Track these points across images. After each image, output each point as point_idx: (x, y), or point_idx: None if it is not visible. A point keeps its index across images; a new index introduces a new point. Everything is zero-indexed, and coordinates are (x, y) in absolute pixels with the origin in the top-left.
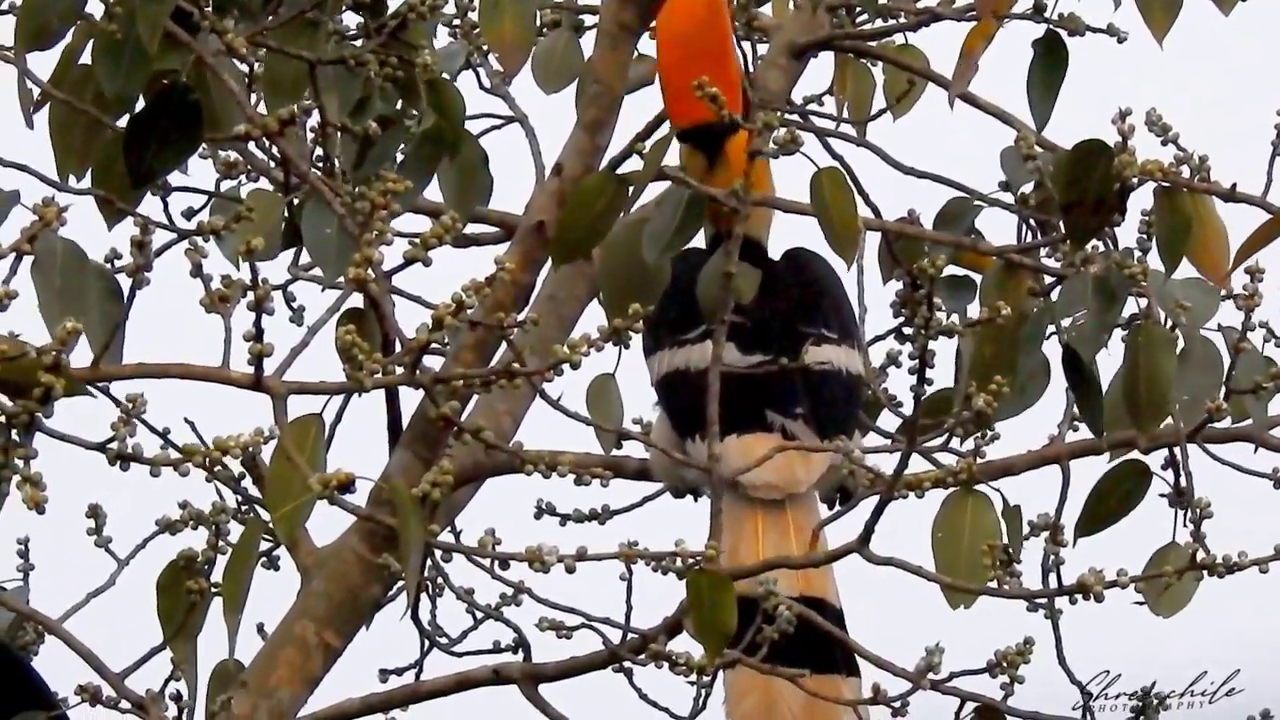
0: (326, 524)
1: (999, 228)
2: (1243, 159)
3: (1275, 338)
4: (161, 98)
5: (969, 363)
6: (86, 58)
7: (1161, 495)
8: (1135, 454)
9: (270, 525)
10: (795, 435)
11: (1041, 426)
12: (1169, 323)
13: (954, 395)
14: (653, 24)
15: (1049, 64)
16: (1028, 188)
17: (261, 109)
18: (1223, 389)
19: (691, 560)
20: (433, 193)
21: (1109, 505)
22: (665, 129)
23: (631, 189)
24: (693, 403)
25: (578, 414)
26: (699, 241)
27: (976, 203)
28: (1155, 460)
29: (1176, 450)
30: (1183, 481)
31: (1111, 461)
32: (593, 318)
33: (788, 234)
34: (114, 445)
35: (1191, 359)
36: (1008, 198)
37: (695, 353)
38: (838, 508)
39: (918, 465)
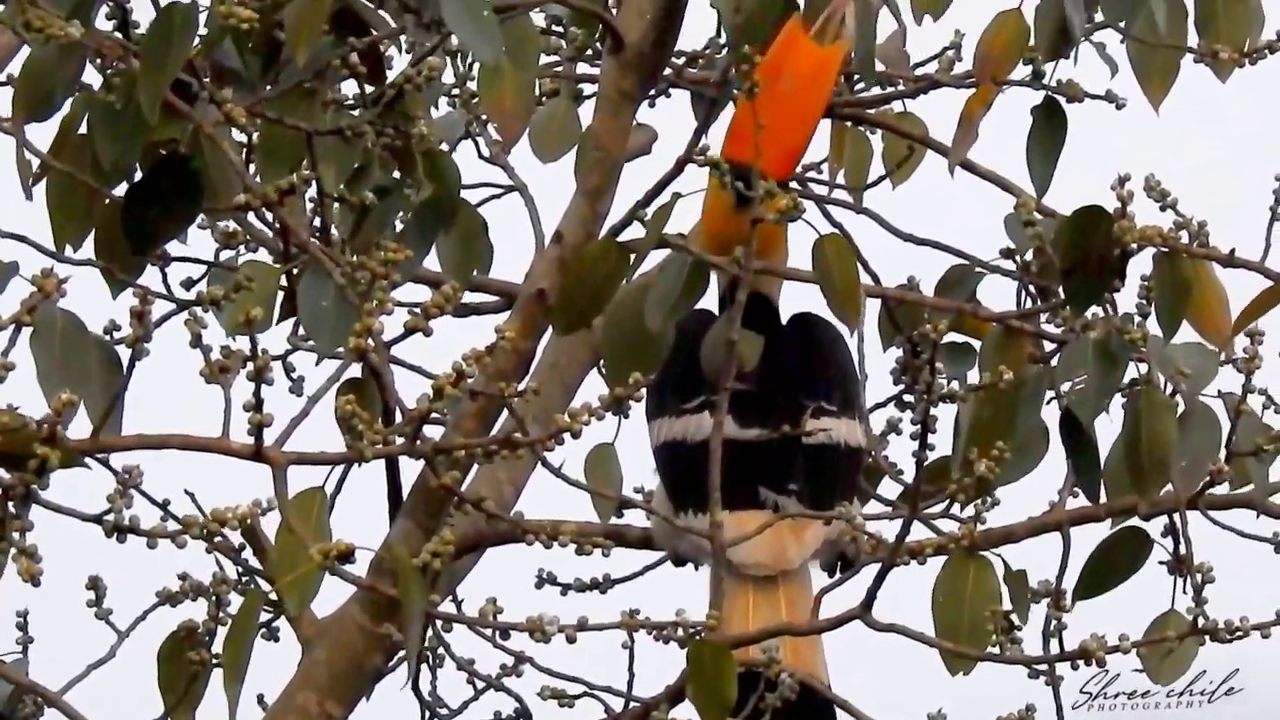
0: (327, 594)
1: (999, 294)
2: (1241, 223)
3: (1274, 404)
4: (160, 167)
5: (969, 428)
6: (84, 128)
7: (1161, 563)
8: (1135, 520)
9: (271, 596)
10: (786, 511)
11: (1040, 492)
12: (1168, 387)
13: (953, 461)
14: (652, 91)
15: (1048, 131)
16: (1029, 255)
17: (258, 178)
18: (1223, 452)
19: (692, 630)
20: (431, 262)
21: (1109, 569)
22: (667, 196)
23: (634, 256)
24: (689, 475)
25: (579, 482)
26: (712, 292)
27: (978, 270)
28: (1155, 526)
29: (1176, 517)
30: (1183, 549)
31: (1112, 528)
32: (594, 385)
33: (798, 290)
34: (110, 517)
35: (1191, 424)
36: (1010, 264)
37: (694, 423)
38: (839, 575)
39: (919, 532)
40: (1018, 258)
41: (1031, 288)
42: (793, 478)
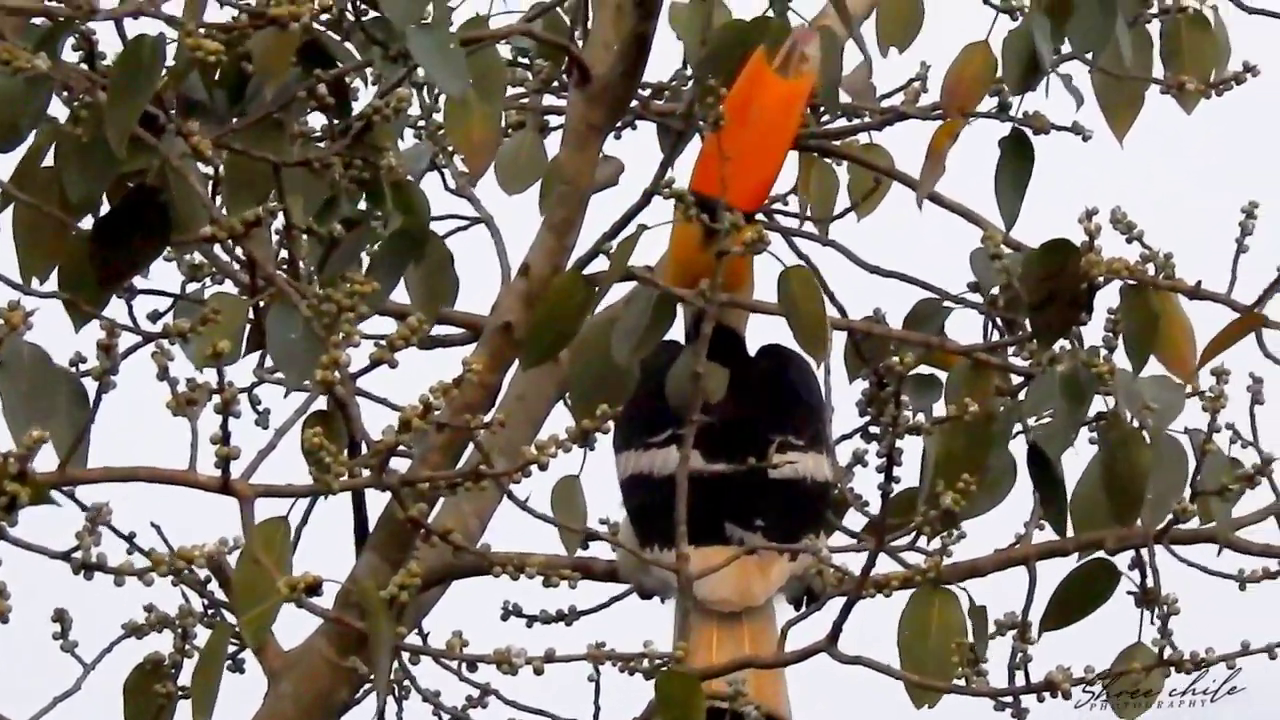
0: (294, 626)
1: (965, 327)
2: (1208, 254)
3: (1241, 439)
4: (127, 200)
5: (935, 461)
6: (50, 159)
7: (1129, 593)
8: (1103, 554)
9: (238, 628)
10: (752, 547)
11: (1007, 525)
12: (1135, 421)
13: (920, 494)
14: (619, 123)
15: (1015, 163)
16: (996, 289)
17: (225, 210)
18: (1188, 490)
19: (660, 661)
20: (398, 294)
21: (1076, 601)
22: (633, 228)
23: (600, 289)
24: (655, 509)
25: (546, 515)
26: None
27: (946, 304)
28: (1122, 560)
29: (1144, 551)
30: (1149, 582)
31: (1079, 562)
32: (560, 418)
33: (767, 323)
34: (78, 555)
35: (1159, 458)
36: (976, 298)
37: (660, 457)
38: (805, 609)
39: (885, 564)
40: (984, 292)
41: (998, 320)
42: (759, 513)
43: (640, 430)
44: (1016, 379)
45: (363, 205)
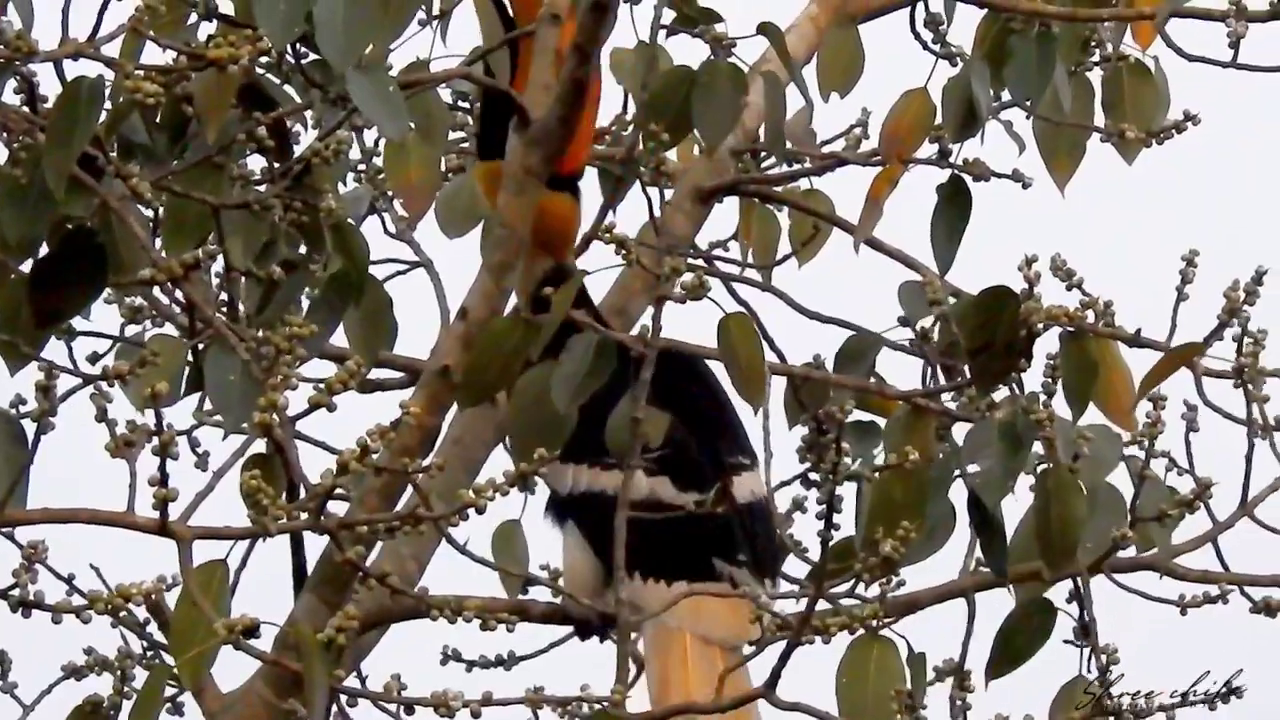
0: (233, 669)
1: (903, 371)
2: (1148, 302)
3: (1177, 467)
4: (66, 242)
5: (874, 507)
6: None
7: (1067, 641)
8: (1040, 592)
9: (176, 670)
10: (741, 584)
11: (945, 560)
12: (1072, 469)
13: (857, 540)
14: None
15: (952, 209)
16: (926, 322)
17: (164, 253)
18: (1128, 518)
19: (598, 705)
20: (337, 338)
21: (1017, 645)
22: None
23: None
24: (640, 541)
25: (484, 559)
26: None
27: (876, 341)
28: (1060, 592)
29: (1080, 582)
30: (1086, 615)
31: (1016, 595)
32: (498, 461)
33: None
34: (15, 592)
35: (1096, 504)
36: (908, 335)
37: (618, 479)
38: (745, 652)
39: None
40: (915, 327)
41: (937, 366)
42: (739, 545)
43: (587, 446)
44: (955, 424)
45: (302, 248)
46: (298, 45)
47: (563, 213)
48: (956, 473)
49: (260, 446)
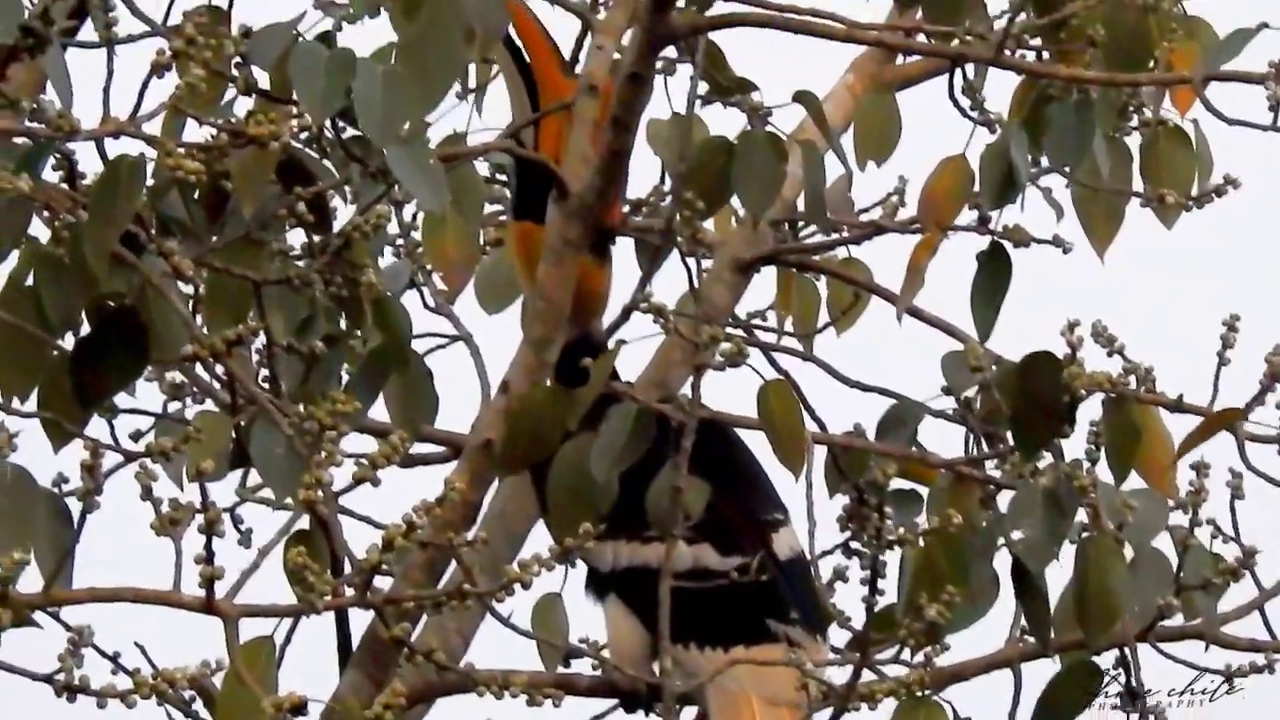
0: None
1: (945, 438)
2: (1188, 365)
3: (1222, 534)
4: (108, 320)
5: (918, 574)
6: (31, 279)
7: (1115, 697)
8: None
9: None
10: (797, 642)
11: (989, 628)
12: (1116, 534)
13: (901, 607)
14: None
15: (992, 276)
16: (970, 392)
17: (204, 328)
18: (1174, 586)
19: None
20: (378, 412)
21: (1062, 705)
22: (611, 343)
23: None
24: (676, 607)
25: (528, 632)
26: None
27: (918, 410)
28: (1106, 660)
29: (1127, 649)
30: (1133, 682)
31: (1061, 663)
32: (541, 534)
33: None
34: (61, 677)
35: (1141, 570)
36: (951, 403)
37: (659, 550)
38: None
39: (869, 678)
40: (957, 396)
41: (979, 433)
42: (790, 603)
43: (624, 520)
44: (998, 492)
45: (343, 324)
46: (336, 120)
47: (590, 278)
48: (1000, 540)
49: (304, 523)
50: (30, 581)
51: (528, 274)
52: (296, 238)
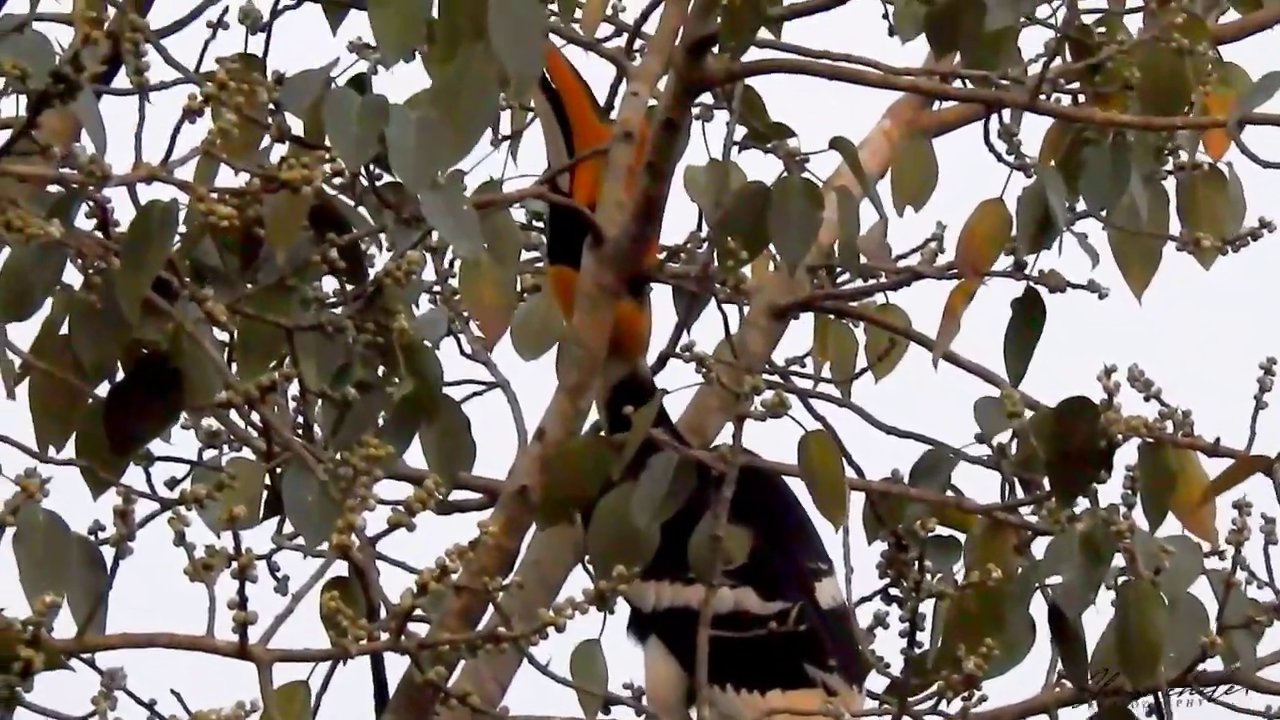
0: None
1: (981, 484)
2: (1225, 408)
3: (1257, 579)
4: (142, 367)
5: (954, 623)
6: (65, 326)
7: None
8: (1122, 704)
9: None
10: (835, 690)
11: (1026, 673)
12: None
13: (936, 654)
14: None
15: (1026, 322)
16: (1003, 437)
17: (238, 375)
18: (1214, 625)
19: None
20: (413, 458)
21: None
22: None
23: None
24: (716, 648)
25: (565, 678)
26: None
27: (952, 455)
28: (1143, 707)
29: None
30: None
31: (1098, 709)
32: (577, 583)
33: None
34: None
35: (1178, 616)
36: (985, 450)
37: (702, 593)
38: None
39: None
40: (989, 442)
41: (1015, 479)
42: (829, 651)
43: (667, 561)
44: (1035, 537)
45: (378, 370)
46: (370, 166)
47: (630, 320)
48: (1036, 586)
49: (340, 568)
50: (64, 627)
51: (567, 315)
52: (330, 284)
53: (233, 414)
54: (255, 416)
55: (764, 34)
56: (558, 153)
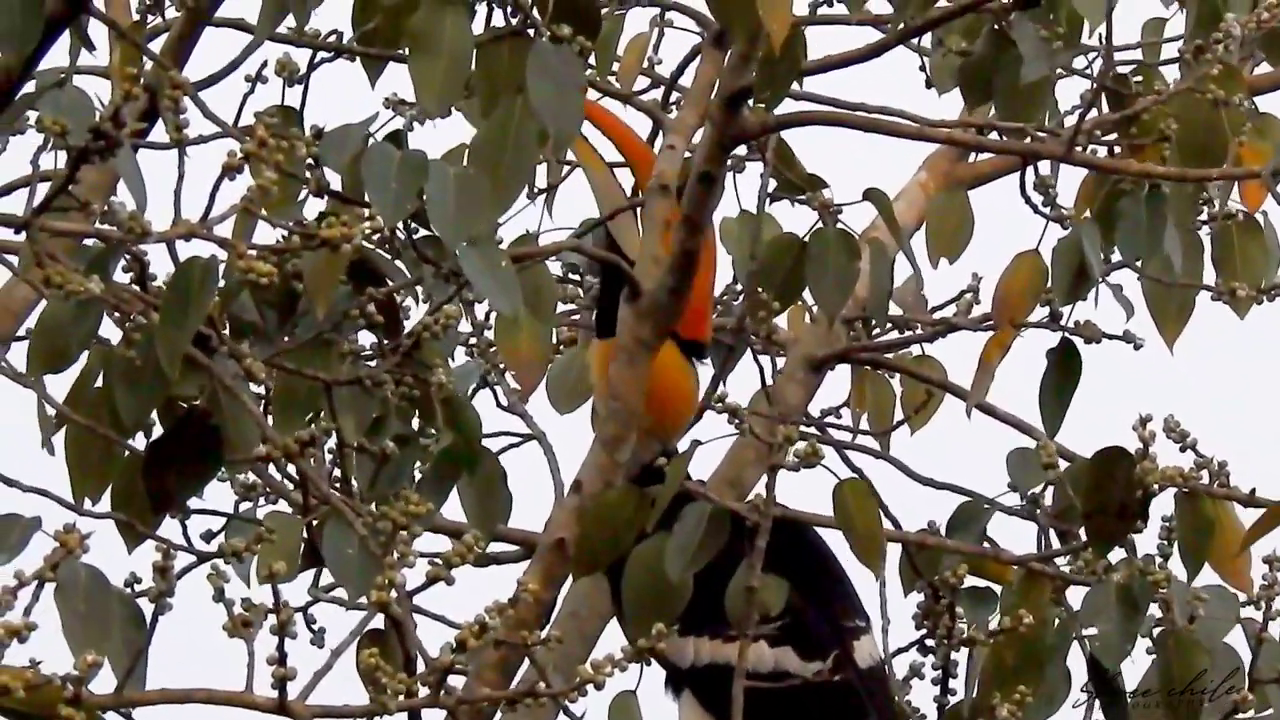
0: None
1: (1018, 536)
2: (1261, 458)
3: None
4: (180, 423)
5: (988, 671)
6: (100, 380)
7: None
8: None
9: None
10: None
11: None
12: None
13: (972, 706)
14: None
15: (1062, 373)
16: (1037, 489)
17: (274, 428)
18: (1246, 680)
19: None
20: (452, 511)
21: None
22: (686, 443)
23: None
24: (753, 709)
25: None
26: None
27: (987, 507)
28: None
29: None
30: None
31: None
32: (614, 634)
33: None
34: None
35: (1213, 666)
36: (1018, 499)
37: (753, 654)
38: None
39: None
40: (1022, 493)
41: (1052, 529)
42: (867, 712)
43: (713, 616)
44: (1071, 588)
45: (414, 423)
46: (408, 220)
47: (684, 391)
48: (1074, 636)
49: (378, 622)
50: (103, 682)
51: (599, 392)
52: (367, 337)
53: (270, 467)
54: (292, 470)
55: (796, 86)
56: (609, 197)
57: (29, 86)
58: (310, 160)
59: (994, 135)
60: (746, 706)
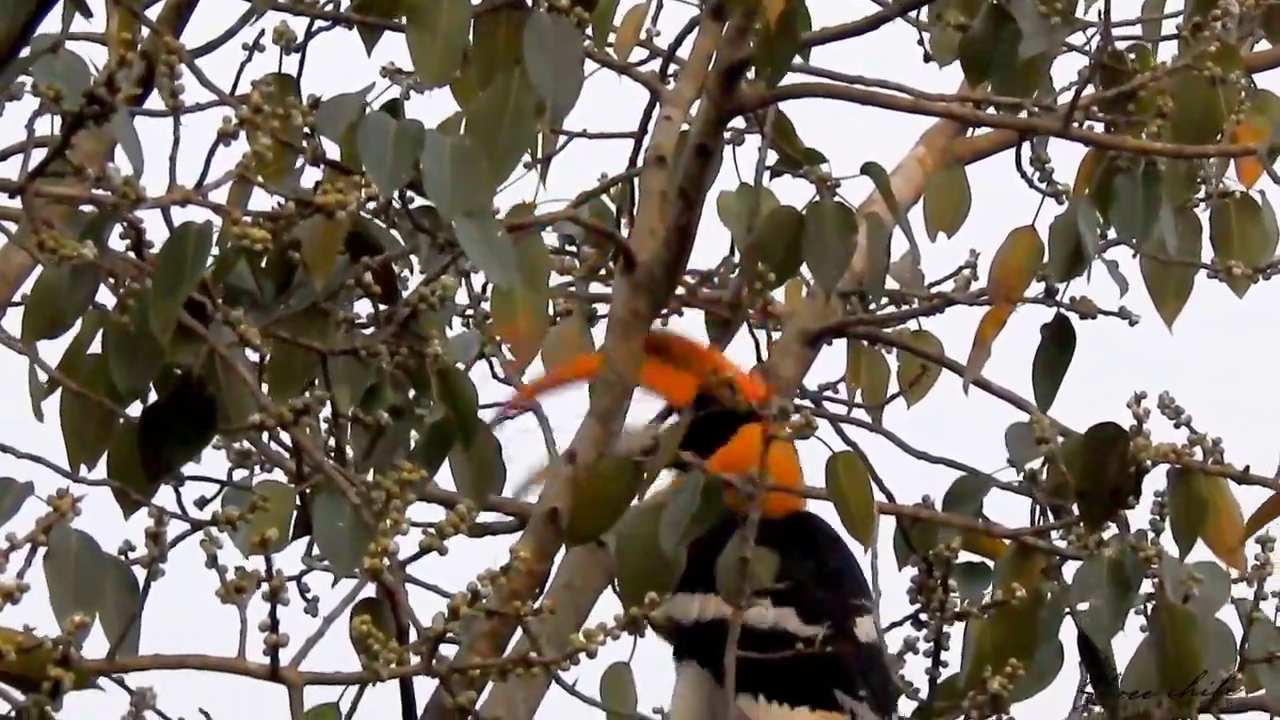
0: None
1: (1012, 511)
2: (1256, 435)
3: None
4: (175, 391)
5: (982, 645)
6: (95, 345)
7: None
8: None
9: None
10: (861, 718)
11: (1054, 697)
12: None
13: (964, 678)
14: (665, 311)
15: (1055, 348)
16: (1035, 464)
17: (270, 397)
18: (1237, 659)
19: None
20: (446, 481)
21: None
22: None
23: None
24: (751, 661)
25: (596, 701)
26: None
27: (983, 482)
28: None
29: None
30: None
31: None
32: (607, 606)
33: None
34: None
35: (1206, 643)
36: (1015, 476)
37: (754, 612)
38: None
39: None
40: (1019, 469)
41: (1045, 505)
42: (860, 682)
43: (708, 574)
44: (1064, 563)
45: (410, 394)
46: (404, 190)
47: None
48: (1066, 611)
49: (370, 591)
50: (96, 647)
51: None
52: (363, 307)
53: (264, 436)
54: (286, 438)
55: (796, 58)
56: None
57: (24, 52)
58: (307, 129)
59: (991, 110)
60: (744, 669)
